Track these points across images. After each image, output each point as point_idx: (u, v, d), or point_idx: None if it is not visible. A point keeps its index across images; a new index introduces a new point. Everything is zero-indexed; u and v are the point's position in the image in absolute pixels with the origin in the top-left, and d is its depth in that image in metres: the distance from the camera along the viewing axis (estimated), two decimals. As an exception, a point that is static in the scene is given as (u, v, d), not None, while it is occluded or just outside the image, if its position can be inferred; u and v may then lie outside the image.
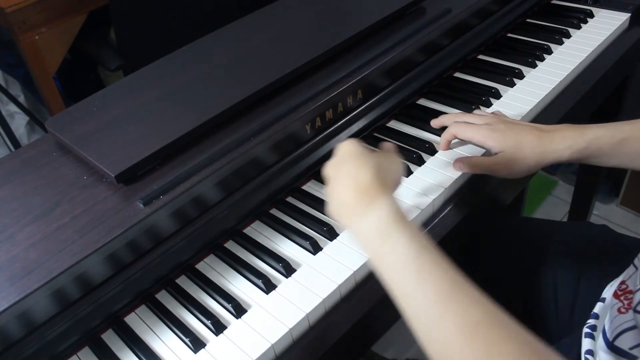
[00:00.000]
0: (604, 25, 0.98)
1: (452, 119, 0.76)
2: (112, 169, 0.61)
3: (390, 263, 0.48)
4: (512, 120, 0.72)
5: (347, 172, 0.54)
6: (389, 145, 0.63)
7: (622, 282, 0.62)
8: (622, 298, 0.60)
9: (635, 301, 0.56)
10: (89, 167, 0.65)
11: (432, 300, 0.45)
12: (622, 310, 0.58)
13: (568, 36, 0.97)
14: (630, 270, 0.62)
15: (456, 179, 0.71)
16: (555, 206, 1.86)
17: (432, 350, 0.44)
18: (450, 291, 0.44)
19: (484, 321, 0.42)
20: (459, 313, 0.43)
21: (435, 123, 0.78)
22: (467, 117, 0.74)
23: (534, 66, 0.91)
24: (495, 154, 0.68)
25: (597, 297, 0.69)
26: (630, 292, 0.59)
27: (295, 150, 0.73)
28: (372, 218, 0.50)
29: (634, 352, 0.55)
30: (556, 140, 0.66)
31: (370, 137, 0.81)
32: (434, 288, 0.45)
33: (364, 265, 0.62)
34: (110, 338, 0.60)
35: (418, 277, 0.46)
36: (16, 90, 1.77)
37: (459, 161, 0.71)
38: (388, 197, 0.51)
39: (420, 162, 0.75)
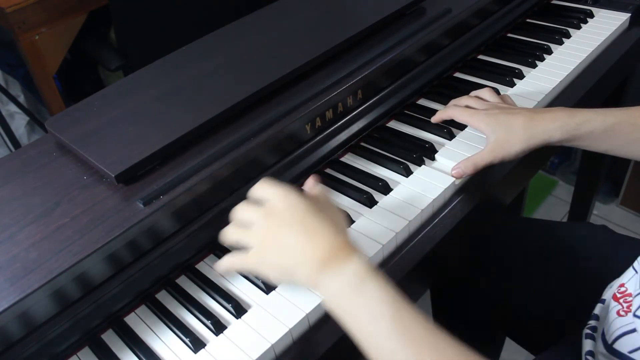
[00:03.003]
0: (604, 26, 0.98)
1: (453, 103, 0.79)
2: (112, 169, 0.61)
3: (365, 314, 0.49)
4: (509, 107, 0.74)
5: (318, 226, 0.53)
6: (317, 188, 0.60)
7: (621, 285, 0.62)
8: (621, 300, 0.60)
9: (635, 306, 0.56)
10: (89, 167, 0.65)
11: (405, 344, 0.46)
12: (622, 313, 0.58)
13: (568, 36, 0.97)
14: (629, 272, 0.62)
15: (456, 179, 0.71)
16: (555, 206, 1.86)
17: None
18: (424, 335, 0.46)
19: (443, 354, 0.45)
20: (433, 355, 0.45)
21: (436, 119, 0.79)
22: (468, 101, 0.77)
23: (534, 66, 0.91)
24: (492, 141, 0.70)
25: (597, 298, 0.69)
26: (630, 295, 0.59)
27: (295, 150, 0.73)
28: (347, 272, 0.50)
29: (634, 355, 0.54)
30: (547, 120, 0.68)
31: (370, 137, 0.81)
32: (409, 333, 0.47)
33: (364, 265, 0.62)
34: (110, 338, 0.60)
35: (393, 323, 0.47)
36: (16, 90, 1.77)
37: (456, 168, 0.71)
38: (358, 251, 0.52)
39: (420, 162, 0.75)
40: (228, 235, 0.58)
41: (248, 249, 0.55)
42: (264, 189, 0.57)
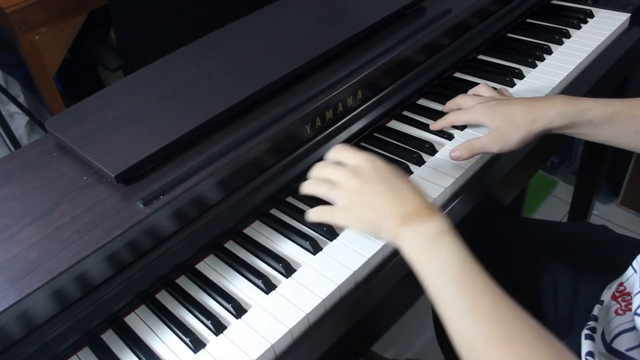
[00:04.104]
0: (604, 26, 0.98)
1: (449, 105, 0.80)
2: (112, 169, 0.61)
3: (434, 264, 0.52)
4: (507, 97, 0.74)
5: (402, 188, 0.57)
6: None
7: (620, 284, 0.62)
8: (619, 300, 0.60)
9: (635, 304, 0.56)
10: (89, 167, 0.65)
11: (463, 293, 0.50)
12: (620, 312, 0.58)
13: (568, 36, 0.97)
14: (628, 272, 0.62)
15: (456, 179, 0.71)
16: (555, 206, 1.86)
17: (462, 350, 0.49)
18: (482, 288, 0.50)
19: (510, 320, 0.48)
20: (489, 304, 0.48)
21: (436, 127, 0.79)
22: (464, 99, 0.77)
23: (534, 66, 0.91)
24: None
25: (597, 298, 0.69)
26: (628, 294, 0.59)
27: (295, 150, 0.73)
28: (427, 227, 0.54)
29: (631, 353, 0.55)
30: (546, 107, 0.68)
31: (370, 137, 0.81)
32: (469, 285, 0.50)
33: (364, 265, 0.62)
34: (110, 338, 0.60)
35: (457, 276, 0.51)
36: (16, 90, 1.77)
37: (455, 150, 0.72)
38: (441, 213, 0.56)
39: (420, 162, 0.75)
40: (313, 188, 0.62)
41: (335, 204, 0.60)
42: (350, 154, 0.62)
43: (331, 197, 0.60)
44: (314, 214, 0.61)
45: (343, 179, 0.60)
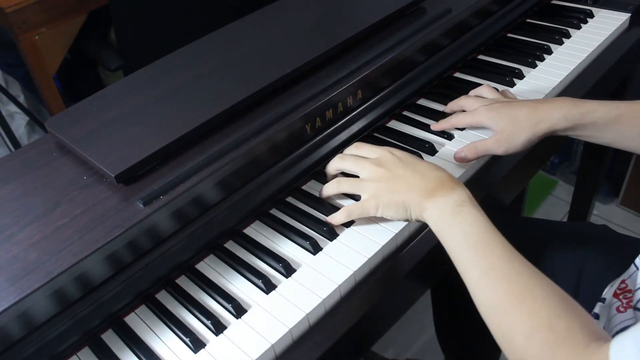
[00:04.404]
0: (604, 26, 0.98)
1: (450, 106, 0.80)
2: (112, 169, 0.61)
3: (455, 233, 0.56)
4: (510, 100, 0.74)
5: (423, 168, 0.62)
6: None
7: (622, 282, 0.62)
8: (621, 297, 0.60)
9: (635, 299, 0.56)
10: (88, 167, 0.65)
11: (482, 258, 0.53)
12: (621, 309, 0.59)
13: (568, 36, 0.97)
14: (631, 269, 0.62)
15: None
16: (555, 206, 1.86)
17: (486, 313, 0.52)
18: (501, 254, 0.52)
19: (523, 279, 0.50)
20: (506, 267, 0.51)
21: (437, 128, 0.79)
22: (467, 100, 0.78)
23: (534, 66, 0.91)
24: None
25: (598, 297, 0.69)
26: (630, 291, 0.60)
27: (295, 150, 0.73)
28: (450, 199, 0.58)
29: None
30: (551, 109, 0.69)
31: (370, 137, 0.81)
32: (489, 250, 0.53)
33: (364, 265, 0.62)
34: (110, 338, 0.60)
35: (477, 243, 0.54)
36: (16, 90, 1.77)
37: (460, 152, 0.71)
38: (462, 186, 0.60)
39: (420, 162, 0.75)
40: (337, 187, 0.67)
41: (362, 197, 0.64)
42: (368, 149, 0.67)
43: (358, 191, 0.65)
44: (343, 215, 0.65)
45: (366, 172, 0.64)
